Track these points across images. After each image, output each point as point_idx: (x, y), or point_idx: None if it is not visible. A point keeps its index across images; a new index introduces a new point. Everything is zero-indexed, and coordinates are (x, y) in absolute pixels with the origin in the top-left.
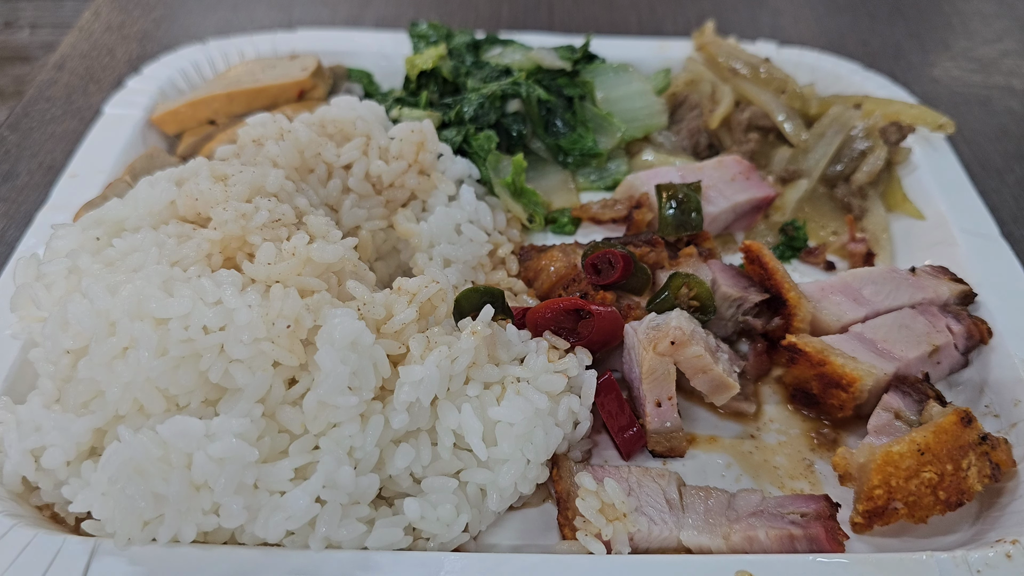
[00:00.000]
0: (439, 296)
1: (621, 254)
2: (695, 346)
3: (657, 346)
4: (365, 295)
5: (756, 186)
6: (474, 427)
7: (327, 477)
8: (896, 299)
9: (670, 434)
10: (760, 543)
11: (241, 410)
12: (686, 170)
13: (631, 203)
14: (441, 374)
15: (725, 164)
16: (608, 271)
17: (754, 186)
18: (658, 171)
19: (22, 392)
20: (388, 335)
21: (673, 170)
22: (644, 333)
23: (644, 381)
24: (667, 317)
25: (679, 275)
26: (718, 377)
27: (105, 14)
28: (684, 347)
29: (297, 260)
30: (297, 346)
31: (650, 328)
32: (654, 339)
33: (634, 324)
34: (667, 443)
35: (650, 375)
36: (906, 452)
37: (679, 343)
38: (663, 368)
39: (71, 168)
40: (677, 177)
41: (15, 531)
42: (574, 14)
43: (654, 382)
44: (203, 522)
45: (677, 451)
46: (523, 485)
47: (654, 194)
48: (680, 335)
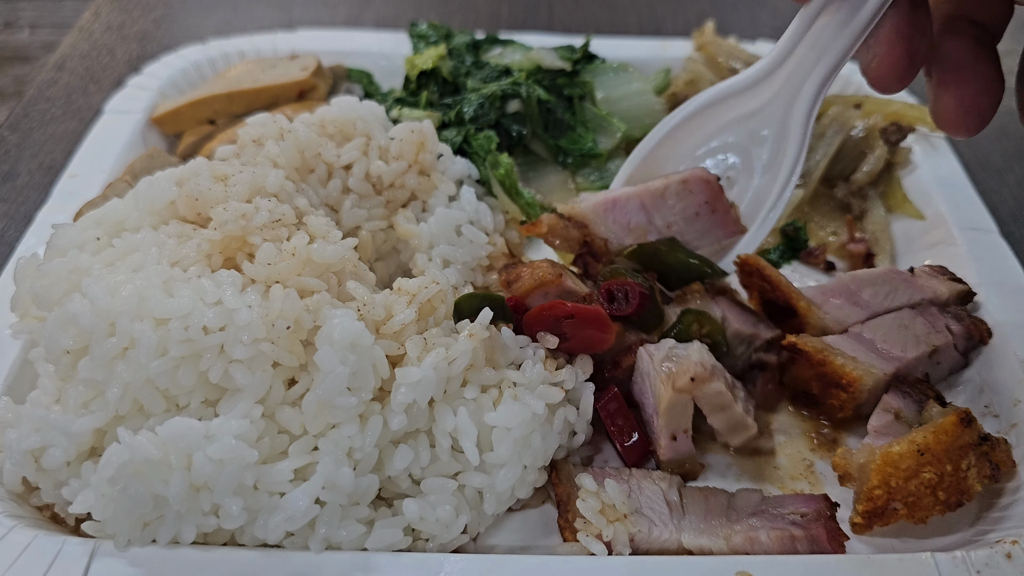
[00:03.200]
0: (439, 297)
1: (640, 288)
2: (716, 383)
3: (676, 382)
4: (365, 295)
5: (721, 223)
6: (469, 431)
7: (326, 478)
8: (895, 300)
9: (684, 461)
10: (761, 544)
11: (241, 411)
12: (645, 196)
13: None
14: (438, 376)
15: (691, 188)
16: (623, 303)
17: (719, 223)
18: (616, 202)
19: (23, 392)
20: (387, 336)
21: (633, 197)
22: (661, 363)
23: (661, 417)
24: (687, 349)
25: (691, 312)
26: (738, 416)
27: (105, 14)
28: (704, 384)
29: (297, 260)
30: (297, 346)
31: (668, 359)
32: (672, 374)
33: (650, 348)
34: (680, 469)
35: (668, 412)
36: (906, 452)
37: (699, 379)
38: (681, 404)
39: (71, 168)
40: (636, 205)
41: (15, 532)
42: (574, 14)
43: (671, 418)
44: (203, 523)
45: (691, 475)
46: (520, 490)
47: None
48: (701, 371)
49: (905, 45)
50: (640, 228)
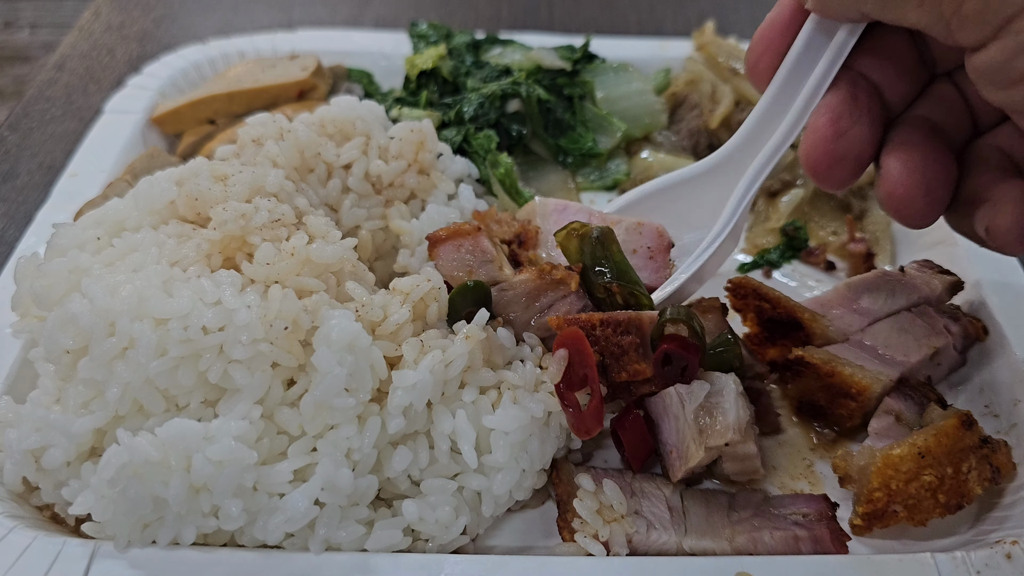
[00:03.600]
0: (431, 295)
1: (696, 348)
2: (749, 444)
3: (709, 441)
4: (364, 296)
5: (652, 271)
6: (467, 434)
7: (326, 479)
8: (894, 303)
9: None
10: (765, 544)
11: (240, 411)
12: (596, 217)
13: (519, 232)
14: (435, 379)
15: (642, 231)
16: (676, 373)
17: (650, 270)
18: (568, 208)
19: (23, 391)
20: (384, 336)
21: (584, 211)
22: (694, 415)
23: (683, 467)
24: (721, 399)
25: (729, 342)
26: (753, 467)
27: (105, 14)
28: (736, 447)
29: (296, 260)
30: (295, 347)
31: (703, 410)
32: (706, 431)
33: (682, 392)
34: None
35: (694, 466)
36: (906, 455)
37: (733, 444)
38: (708, 459)
39: (71, 167)
40: (584, 217)
41: (15, 533)
42: (574, 14)
43: (694, 468)
44: (203, 524)
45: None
46: (518, 492)
47: (544, 228)
48: (736, 438)
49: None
50: None
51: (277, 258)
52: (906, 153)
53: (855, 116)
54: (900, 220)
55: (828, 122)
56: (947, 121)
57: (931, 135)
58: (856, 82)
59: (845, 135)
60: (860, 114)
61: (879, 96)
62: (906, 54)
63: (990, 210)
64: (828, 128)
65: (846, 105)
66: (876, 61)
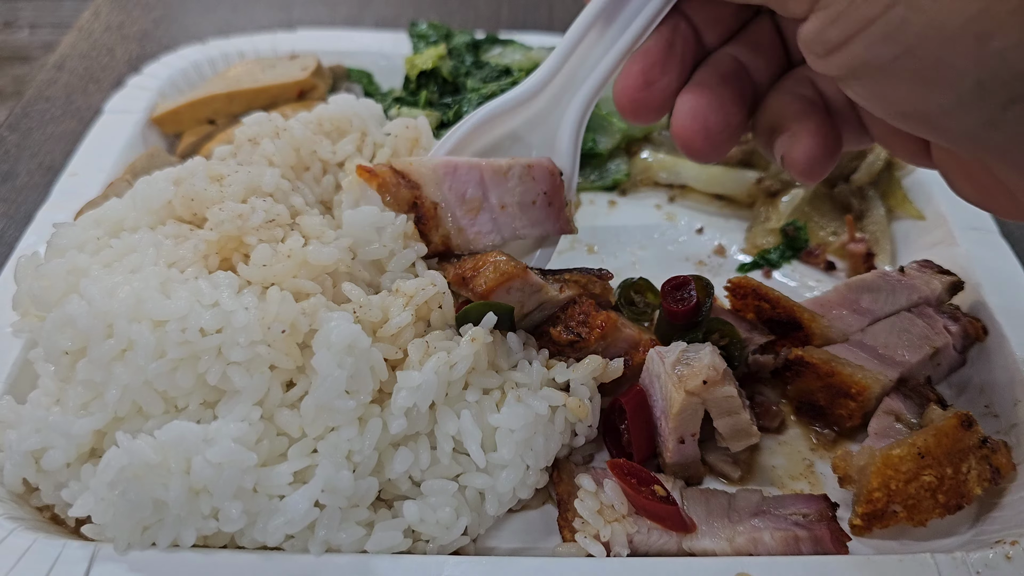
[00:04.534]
0: (436, 299)
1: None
2: (728, 386)
3: (688, 384)
4: (361, 297)
5: (555, 217)
6: (473, 434)
7: (326, 481)
8: (894, 303)
9: (688, 465)
10: (765, 545)
11: (239, 413)
12: (487, 171)
13: (412, 200)
14: (439, 380)
15: (534, 175)
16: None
17: (552, 217)
18: (456, 166)
19: (24, 391)
20: (384, 339)
21: (475, 168)
22: (673, 367)
23: (671, 420)
24: (698, 351)
25: (717, 321)
26: (744, 423)
27: (105, 14)
28: (716, 387)
29: (293, 262)
30: (293, 349)
31: (680, 363)
32: (684, 376)
33: (661, 350)
34: (685, 472)
35: (679, 416)
36: (906, 455)
37: (711, 382)
38: (692, 408)
39: (71, 167)
40: (476, 177)
41: (15, 535)
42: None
43: (681, 422)
44: (203, 526)
45: (694, 480)
46: (522, 491)
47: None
48: (713, 375)
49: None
50: (475, 202)
51: (274, 259)
52: (695, 97)
53: (666, 67)
54: (689, 156)
55: (640, 71)
56: (756, 60)
57: (727, 79)
58: (676, 27)
59: (653, 85)
60: (672, 64)
61: (696, 39)
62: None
63: (787, 140)
64: (639, 77)
65: (660, 54)
66: (700, 4)
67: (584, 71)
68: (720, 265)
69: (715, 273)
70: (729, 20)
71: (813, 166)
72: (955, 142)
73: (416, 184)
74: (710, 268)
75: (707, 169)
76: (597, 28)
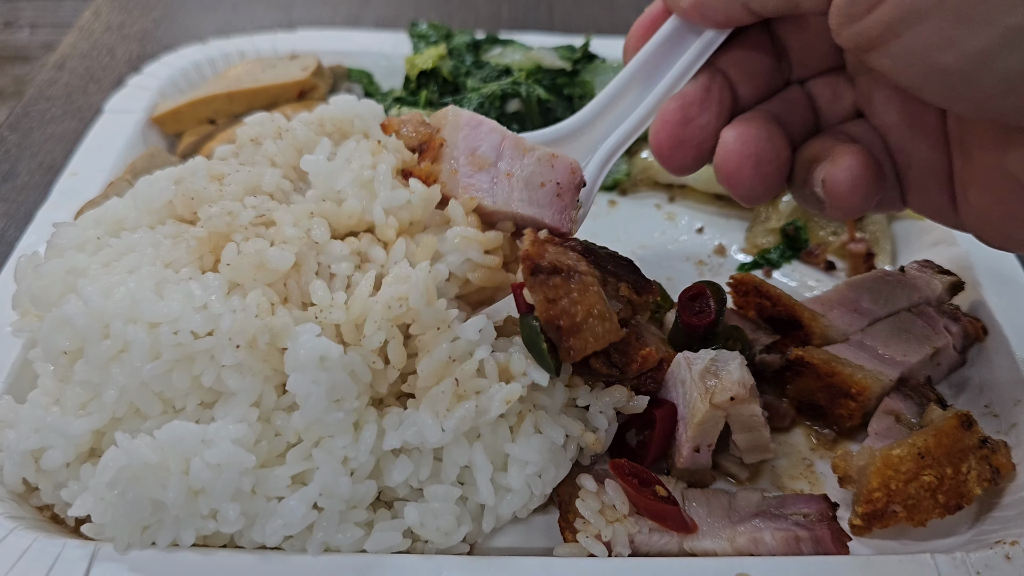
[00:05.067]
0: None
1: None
2: (754, 404)
3: (715, 398)
4: (324, 299)
5: (557, 209)
6: (484, 468)
7: (324, 485)
8: (894, 303)
9: (697, 471)
10: (766, 545)
11: (237, 415)
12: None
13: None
14: (460, 428)
15: (554, 164)
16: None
17: (555, 208)
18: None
19: (24, 390)
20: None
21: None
22: (700, 376)
23: (691, 428)
24: (727, 362)
25: (731, 328)
26: (763, 440)
27: (105, 14)
28: (743, 404)
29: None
30: (273, 357)
31: (708, 373)
32: (712, 389)
33: (689, 357)
34: (692, 477)
35: (701, 426)
36: (906, 455)
37: (739, 400)
38: (714, 420)
39: (71, 167)
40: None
41: (15, 535)
42: (574, 14)
43: (701, 432)
44: (201, 527)
45: (699, 484)
46: (522, 513)
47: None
48: (742, 393)
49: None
50: (483, 160)
51: (239, 259)
52: (742, 128)
53: (704, 106)
54: (731, 191)
55: (678, 108)
56: (792, 118)
57: (769, 119)
58: (713, 76)
59: (691, 122)
60: (710, 104)
61: (732, 91)
62: (765, 57)
63: (828, 164)
64: (677, 113)
65: (698, 95)
66: (735, 60)
67: (619, 117)
68: (720, 265)
69: (715, 273)
70: (763, 77)
71: (855, 187)
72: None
73: (436, 128)
74: (710, 268)
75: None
76: (639, 79)
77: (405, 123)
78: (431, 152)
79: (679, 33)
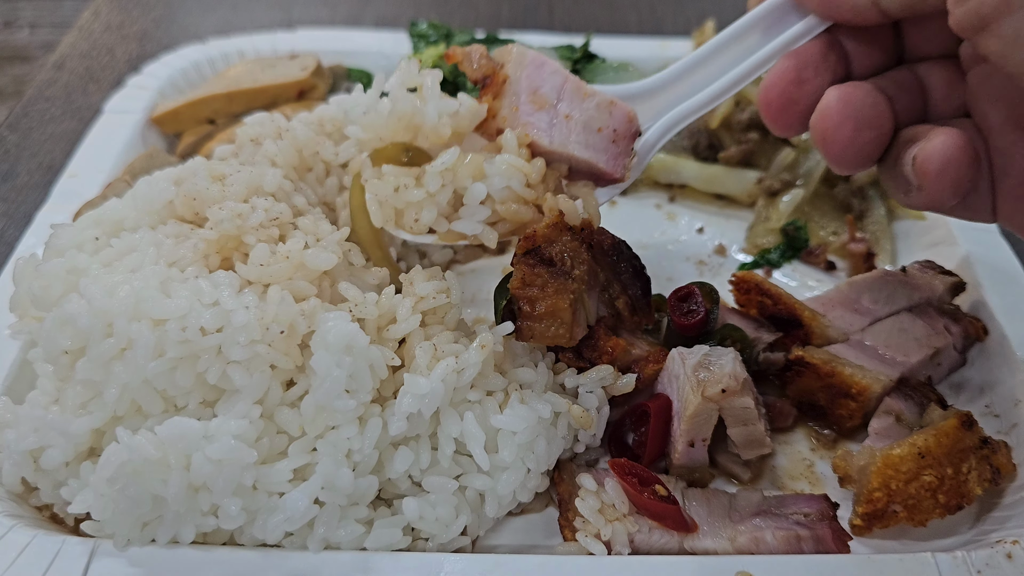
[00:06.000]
0: (444, 309)
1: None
2: (746, 397)
3: (706, 390)
4: (357, 296)
5: (611, 155)
6: (477, 436)
7: (325, 479)
8: (895, 303)
9: (695, 469)
10: (767, 544)
11: (239, 411)
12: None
13: (487, 74)
14: (446, 387)
15: (612, 111)
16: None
17: (609, 154)
18: (545, 64)
19: (22, 392)
20: (389, 341)
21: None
22: (693, 370)
23: (684, 422)
24: (720, 356)
25: (728, 327)
26: (758, 434)
27: (105, 14)
28: (734, 396)
29: (290, 264)
30: (293, 350)
31: (701, 366)
32: (704, 382)
33: (683, 352)
34: (691, 475)
35: (693, 419)
36: (906, 455)
37: (731, 392)
38: (707, 413)
39: (71, 168)
40: (558, 83)
41: (15, 532)
42: (574, 13)
43: (694, 425)
44: (202, 523)
45: (699, 484)
46: (522, 494)
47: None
48: (733, 385)
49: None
50: (544, 100)
51: (272, 260)
52: (848, 89)
53: (820, 70)
54: (824, 150)
55: (794, 66)
56: (900, 97)
57: (877, 89)
58: (831, 44)
59: (806, 83)
60: (826, 70)
61: (847, 63)
62: (882, 34)
63: (922, 144)
64: (792, 72)
65: (815, 57)
66: (853, 32)
67: (696, 86)
68: (720, 265)
69: (715, 273)
70: (878, 55)
71: (946, 168)
72: None
73: (500, 63)
74: (710, 268)
75: (707, 168)
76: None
77: (469, 53)
78: (494, 87)
79: (782, 9)
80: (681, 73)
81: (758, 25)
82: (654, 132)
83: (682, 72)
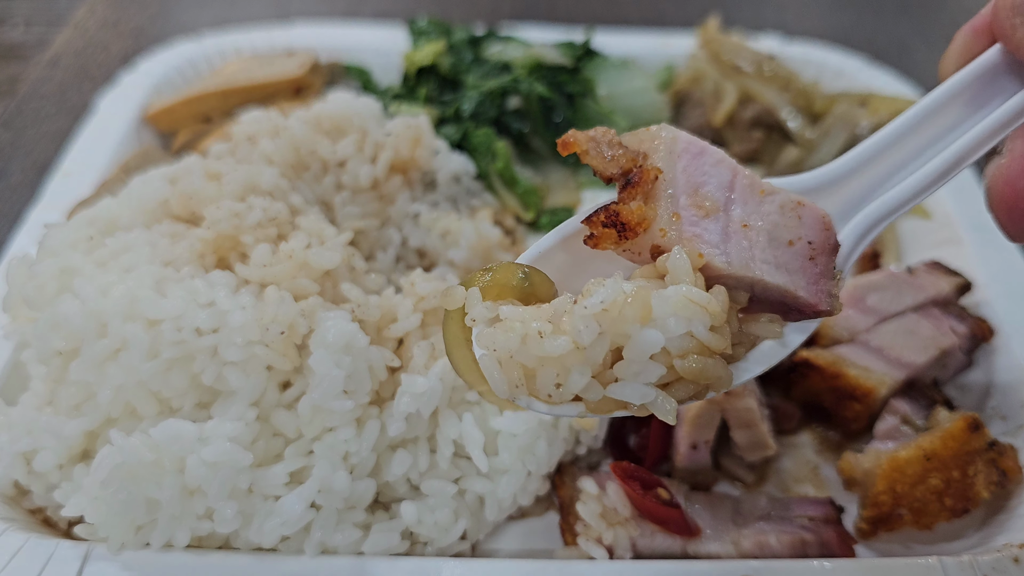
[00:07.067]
0: None
1: None
2: (749, 399)
3: None
4: (359, 297)
5: (811, 279)
6: (476, 438)
7: (322, 482)
8: (900, 303)
9: (698, 472)
10: (771, 548)
11: (235, 413)
12: (743, 178)
13: (627, 169)
14: (444, 386)
15: (802, 215)
16: None
17: (809, 277)
18: (705, 150)
19: (15, 393)
20: (389, 339)
21: (728, 165)
22: None
23: (687, 424)
24: None
25: None
26: (761, 436)
27: (99, 10)
28: (737, 399)
29: (293, 264)
30: (291, 350)
31: None
32: None
33: None
34: (694, 478)
35: (696, 421)
36: (912, 458)
37: (733, 394)
38: (709, 415)
39: (64, 166)
40: (727, 178)
41: (6, 536)
42: (575, 7)
43: (697, 427)
44: (197, 527)
45: (702, 487)
46: (522, 497)
47: (668, 173)
48: (737, 387)
49: None
50: (710, 202)
51: (274, 260)
52: None
53: None
54: (1006, 218)
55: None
56: None
57: None
58: None
59: None
60: None
61: None
62: None
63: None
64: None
65: None
66: None
67: (894, 169)
68: None
69: None
70: None
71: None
72: None
73: (643, 153)
74: None
75: None
76: (934, 120)
77: (596, 140)
78: (643, 186)
79: (994, 73)
80: (869, 158)
81: (961, 95)
82: (847, 239)
83: (870, 156)
